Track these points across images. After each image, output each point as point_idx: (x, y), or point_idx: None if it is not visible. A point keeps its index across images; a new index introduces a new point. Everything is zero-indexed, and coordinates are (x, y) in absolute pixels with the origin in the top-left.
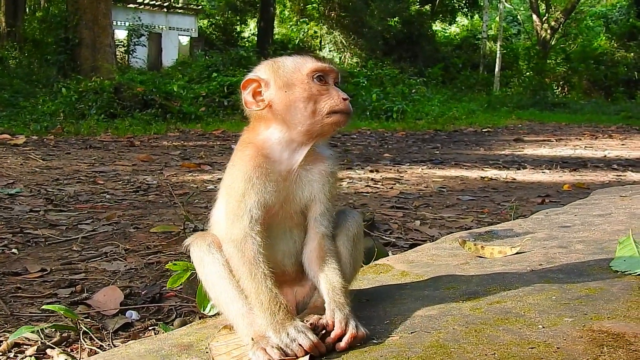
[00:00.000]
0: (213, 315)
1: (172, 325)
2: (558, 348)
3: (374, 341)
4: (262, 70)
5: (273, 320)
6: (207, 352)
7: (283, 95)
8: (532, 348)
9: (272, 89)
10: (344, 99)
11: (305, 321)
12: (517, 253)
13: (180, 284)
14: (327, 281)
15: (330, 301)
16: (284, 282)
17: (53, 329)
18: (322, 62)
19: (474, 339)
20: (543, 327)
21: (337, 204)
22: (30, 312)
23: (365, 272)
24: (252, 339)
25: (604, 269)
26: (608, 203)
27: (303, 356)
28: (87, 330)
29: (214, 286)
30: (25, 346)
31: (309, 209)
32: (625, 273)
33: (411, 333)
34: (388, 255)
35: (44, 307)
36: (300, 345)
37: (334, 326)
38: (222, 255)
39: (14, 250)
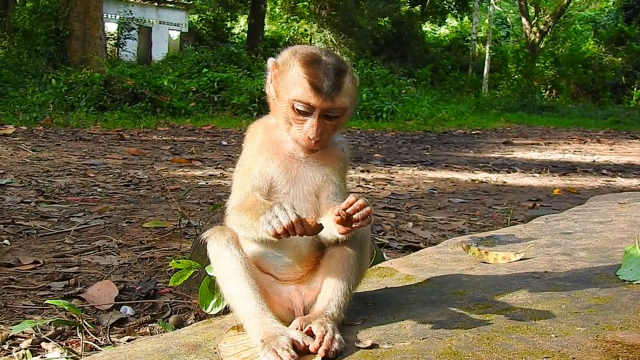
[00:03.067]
0: (216, 315)
1: (168, 322)
2: (573, 358)
3: (385, 346)
4: (281, 59)
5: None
6: (215, 353)
7: (272, 100)
8: (547, 358)
9: (272, 85)
10: (309, 138)
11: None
12: (521, 259)
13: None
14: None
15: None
16: (294, 280)
17: (47, 323)
18: (308, 95)
19: (487, 347)
20: (556, 337)
21: (347, 187)
22: (24, 305)
23: (369, 274)
24: (262, 341)
25: (611, 277)
26: (607, 210)
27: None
28: (86, 325)
29: (228, 282)
30: (19, 339)
31: (322, 190)
32: (634, 282)
33: (422, 339)
34: (384, 257)
35: (47, 302)
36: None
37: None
38: (241, 252)
39: (5, 241)
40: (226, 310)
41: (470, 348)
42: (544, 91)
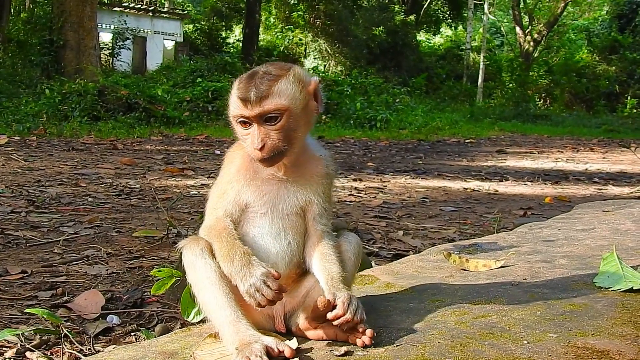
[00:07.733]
0: (197, 323)
1: (154, 331)
2: None
3: (359, 353)
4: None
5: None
6: None
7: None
8: None
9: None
10: (254, 148)
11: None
12: (501, 267)
13: (165, 291)
14: (326, 271)
15: (329, 287)
16: None
17: (33, 332)
18: (240, 107)
19: (460, 354)
20: (528, 343)
21: (334, 204)
22: (10, 314)
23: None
24: (237, 348)
25: (588, 284)
26: (591, 218)
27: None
28: (68, 334)
29: (203, 291)
30: (4, 348)
31: (306, 210)
32: (609, 289)
33: (397, 346)
34: (372, 265)
35: (27, 310)
36: None
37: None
38: (214, 261)
39: None
40: (207, 318)
41: (443, 354)
42: (538, 100)
